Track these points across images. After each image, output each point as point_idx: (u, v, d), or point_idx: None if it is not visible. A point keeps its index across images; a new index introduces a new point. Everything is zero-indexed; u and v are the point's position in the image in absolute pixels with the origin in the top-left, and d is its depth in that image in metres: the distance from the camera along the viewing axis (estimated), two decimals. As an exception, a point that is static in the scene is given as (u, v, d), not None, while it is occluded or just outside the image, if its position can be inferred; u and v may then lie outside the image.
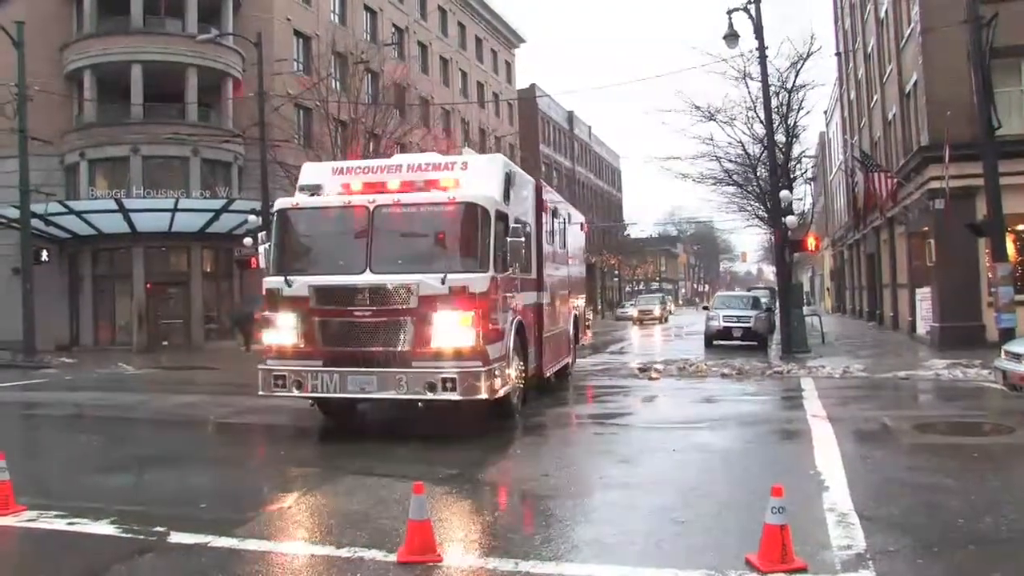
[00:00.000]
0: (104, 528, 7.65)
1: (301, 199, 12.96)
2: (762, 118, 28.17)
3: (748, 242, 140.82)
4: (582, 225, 21.28)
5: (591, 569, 6.36)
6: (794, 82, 30.57)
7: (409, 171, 13.13)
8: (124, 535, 7.44)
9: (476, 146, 53.16)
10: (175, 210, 33.29)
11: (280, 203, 13.18)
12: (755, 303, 32.78)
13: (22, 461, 8.21)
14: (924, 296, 28.31)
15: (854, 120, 47.34)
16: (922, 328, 28.72)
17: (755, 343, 29.59)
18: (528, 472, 10.25)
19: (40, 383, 22.64)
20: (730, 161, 34.76)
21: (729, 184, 36.76)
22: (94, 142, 36.78)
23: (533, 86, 76.69)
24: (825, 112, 63.99)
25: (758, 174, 33.36)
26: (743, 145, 33.24)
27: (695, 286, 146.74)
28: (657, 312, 60.67)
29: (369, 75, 41.85)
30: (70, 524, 7.81)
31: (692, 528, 7.47)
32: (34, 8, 36.04)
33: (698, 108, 32.26)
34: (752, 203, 38.18)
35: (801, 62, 30.11)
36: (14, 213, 32.07)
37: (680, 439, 12.11)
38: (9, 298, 33.57)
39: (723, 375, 20.36)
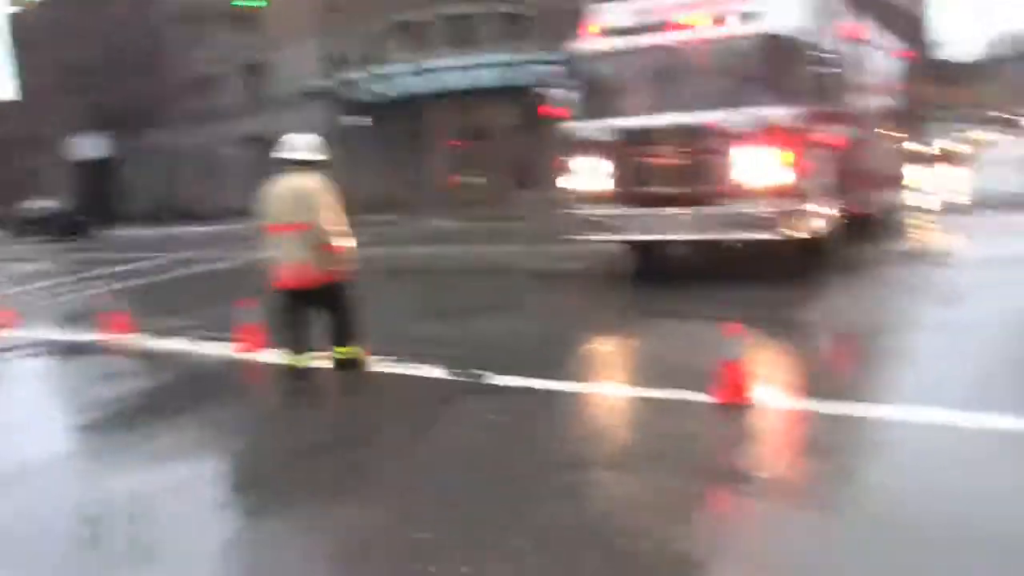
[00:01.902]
0: (436, 372, 8.16)
1: (600, 42, 12.76)
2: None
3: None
4: (899, 52, 19.72)
5: (909, 412, 6.05)
6: None
7: (712, 4, 12.57)
8: (452, 379, 7.92)
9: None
10: (478, 66, 33.87)
11: (579, 47, 13.04)
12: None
13: (364, 312, 8.80)
14: None
15: None
16: None
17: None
18: (843, 314, 9.91)
19: (362, 241, 24.12)
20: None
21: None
22: (396, 7, 37.85)
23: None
24: None
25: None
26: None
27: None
28: (959, 149, 48.39)
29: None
30: (409, 368, 8.39)
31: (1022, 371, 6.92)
32: None
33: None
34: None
35: None
36: (326, 83, 33.95)
37: (1011, 277, 11.17)
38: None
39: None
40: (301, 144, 8.11)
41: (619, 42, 12.50)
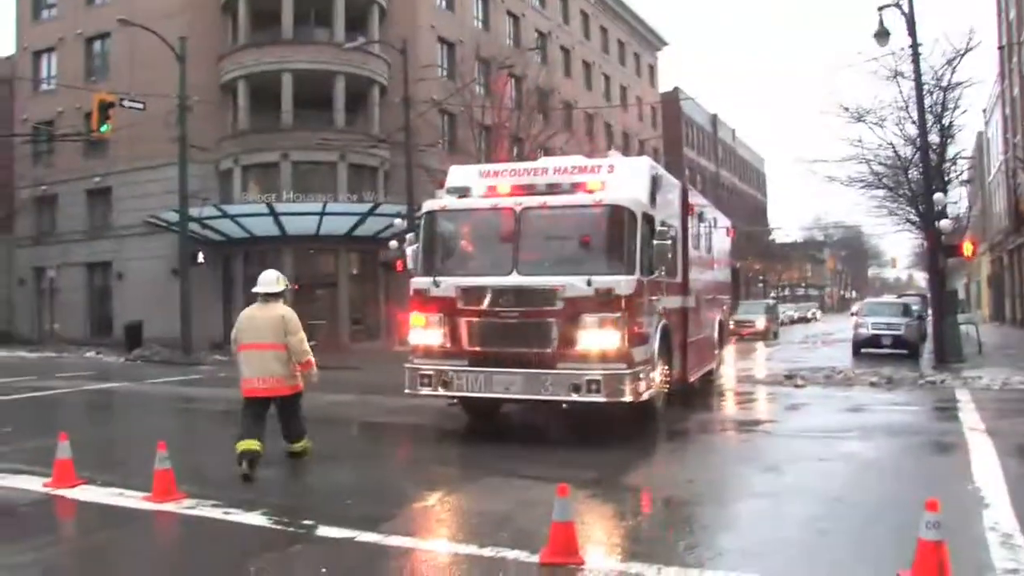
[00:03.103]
0: (255, 519, 7.92)
1: (449, 201, 13.11)
2: (915, 118, 27.08)
3: (899, 247, 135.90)
4: (728, 229, 20.94)
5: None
6: (950, 79, 29.18)
7: (555, 174, 13.14)
8: (275, 527, 7.69)
9: (620, 150, 52.75)
10: (323, 213, 34.11)
11: (428, 205, 13.34)
12: (906, 310, 31.64)
13: (182, 453, 8.54)
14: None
15: (1017, 117, 45.08)
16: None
17: (906, 351, 28.50)
18: (671, 477, 10.17)
19: (196, 379, 23.54)
20: (880, 164, 33.45)
21: (879, 187, 35.38)
22: (247, 149, 38.00)
23: (676, 89, 75.93)
24: (984, 110, 60.92)
25: (910, 176, 32.07)
26: (894, 147, 31.96)
27: (842, 292, 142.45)
28: (761, 324, 45.49)
29: (512, 80, 42.18)
30: (225, 513, 8.14)
31: (840, 540, 7.25)
32: (194, 22, 37.64)
33: (846, 109, 31.19)
34: (904, 207, 36.74)
35: (958, 58, 28.71)
36: (173, 217, 33.64)
37: (827, 448, 11.76)
38: (168, 298, 35.08)
39: (871, 384, 19.67)
40: (271, 279, 10.49)
41: (466, 203, 12.88)
